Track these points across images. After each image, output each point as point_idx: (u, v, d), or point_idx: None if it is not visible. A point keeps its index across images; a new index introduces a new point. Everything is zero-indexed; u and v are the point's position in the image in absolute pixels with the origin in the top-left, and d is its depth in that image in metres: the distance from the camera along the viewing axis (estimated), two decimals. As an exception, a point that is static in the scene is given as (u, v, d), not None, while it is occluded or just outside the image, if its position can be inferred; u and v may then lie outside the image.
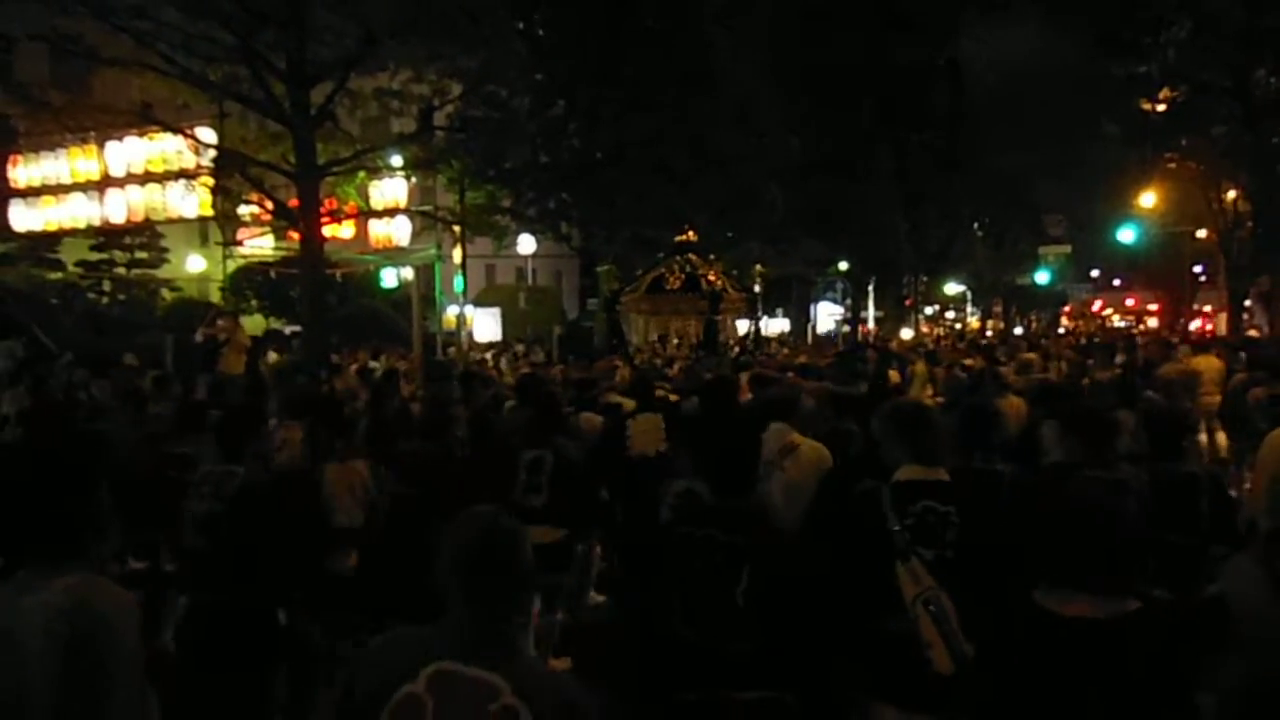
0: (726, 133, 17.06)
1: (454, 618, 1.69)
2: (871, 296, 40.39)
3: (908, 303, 45.27)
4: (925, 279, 45.37)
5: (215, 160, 12.10)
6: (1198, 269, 46.31)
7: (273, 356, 13.87)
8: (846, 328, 38.82)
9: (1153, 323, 53.57)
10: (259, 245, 17.07)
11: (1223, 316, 32.75)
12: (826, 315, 42.32)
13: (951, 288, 49.76)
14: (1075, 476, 2.91)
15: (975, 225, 48.45)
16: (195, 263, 24.79)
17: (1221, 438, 8.78)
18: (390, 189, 15.47)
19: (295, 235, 12.30)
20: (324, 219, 12.35)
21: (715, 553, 2.55)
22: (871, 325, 39.91)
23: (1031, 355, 9.62)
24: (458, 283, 17.41)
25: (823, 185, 23.43)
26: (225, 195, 12.55)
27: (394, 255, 16.92)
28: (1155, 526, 3.24)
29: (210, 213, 13.69)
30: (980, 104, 32.90)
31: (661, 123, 15.40)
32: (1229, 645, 2.28)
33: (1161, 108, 24.32)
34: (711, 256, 14.23)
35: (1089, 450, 3.47)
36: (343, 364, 11.72)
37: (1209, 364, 9.68)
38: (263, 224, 13.69)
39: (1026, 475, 3.73)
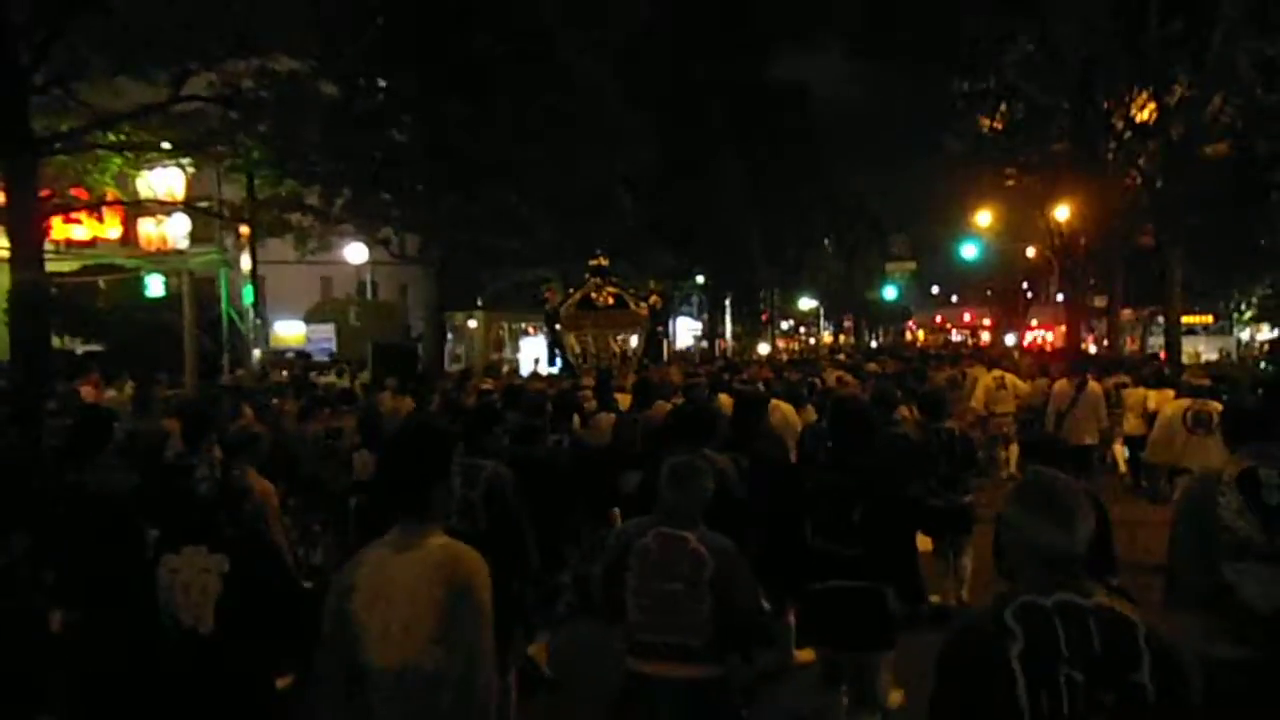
0: (570, 129, 15.42)
1: (664, 507, 3.30)
2: (729, 312, 39.85)
3: (764, 318, 45.27)
4: (779, 294, 45.56)
5: None
6: (1025, 285, 48.95)
7: None
8: (704, 344, 38.11)
9: (985, 336, 56.30)
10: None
11: (1056, 331, 34.17)
12: (685, 330, 41.48)
13: (805, 303, 50.29)
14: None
15: (825, 241, 49.23)
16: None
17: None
18: (161, 179, 12.80)
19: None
20: (50, 211, 9.74)
21: (836, 491, 4.03)
22: (729, 341, 39.36)
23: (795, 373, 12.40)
24: (247, 293, 14.77)
25: (674, 193, 22.22)
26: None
27: (169, 259, 14.17)
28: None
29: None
30: (829, 124, 33.28)
31: (492, 109, 13.58)
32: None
33: (999, 125, 24.75)
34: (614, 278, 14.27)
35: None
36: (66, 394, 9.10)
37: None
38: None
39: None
